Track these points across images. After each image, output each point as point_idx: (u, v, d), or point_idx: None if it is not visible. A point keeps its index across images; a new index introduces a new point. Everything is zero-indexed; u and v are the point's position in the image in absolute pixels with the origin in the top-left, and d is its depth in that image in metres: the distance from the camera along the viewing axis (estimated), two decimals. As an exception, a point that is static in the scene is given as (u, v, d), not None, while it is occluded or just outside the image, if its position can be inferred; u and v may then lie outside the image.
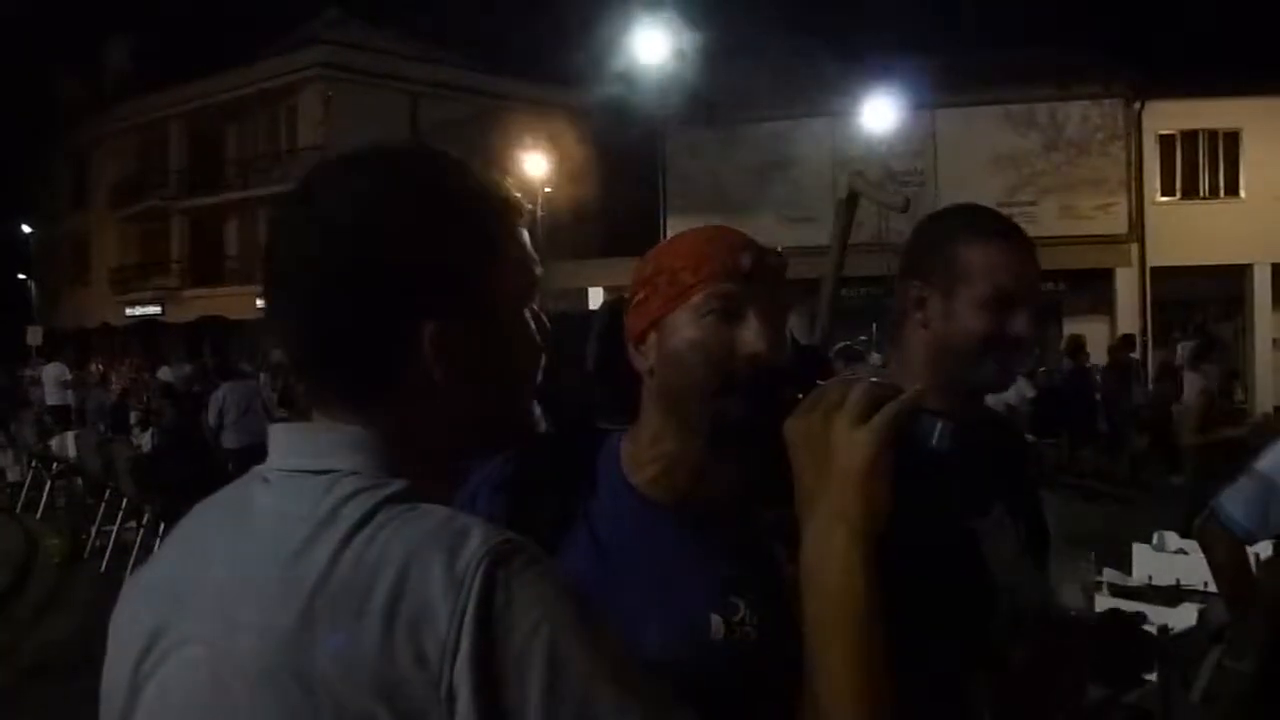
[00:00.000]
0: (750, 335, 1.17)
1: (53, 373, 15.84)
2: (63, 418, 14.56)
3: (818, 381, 1.05)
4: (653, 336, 1.22)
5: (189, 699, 0.89)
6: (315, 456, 0.93)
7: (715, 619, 1.17)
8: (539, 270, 1.01)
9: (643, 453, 1.25)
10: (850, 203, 5.33)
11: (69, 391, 15.68)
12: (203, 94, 30.31)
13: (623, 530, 1.22)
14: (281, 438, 0.97)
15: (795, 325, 1.27)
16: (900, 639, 1.00)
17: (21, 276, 37.50)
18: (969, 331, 1.52)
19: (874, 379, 1.03)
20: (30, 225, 37.17)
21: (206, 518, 0.99)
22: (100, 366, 21.82)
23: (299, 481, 0.92)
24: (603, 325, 1.32)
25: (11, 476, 12.45)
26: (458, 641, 0.80)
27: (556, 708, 0.81)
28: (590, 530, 1.22)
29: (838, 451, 0.99)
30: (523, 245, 0.99)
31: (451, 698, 0.80)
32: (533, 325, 1.00)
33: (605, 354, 1.31)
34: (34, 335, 24.45)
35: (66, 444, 11.35)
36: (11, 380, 16.94)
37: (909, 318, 1.59)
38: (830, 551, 0.98)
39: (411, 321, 0.92)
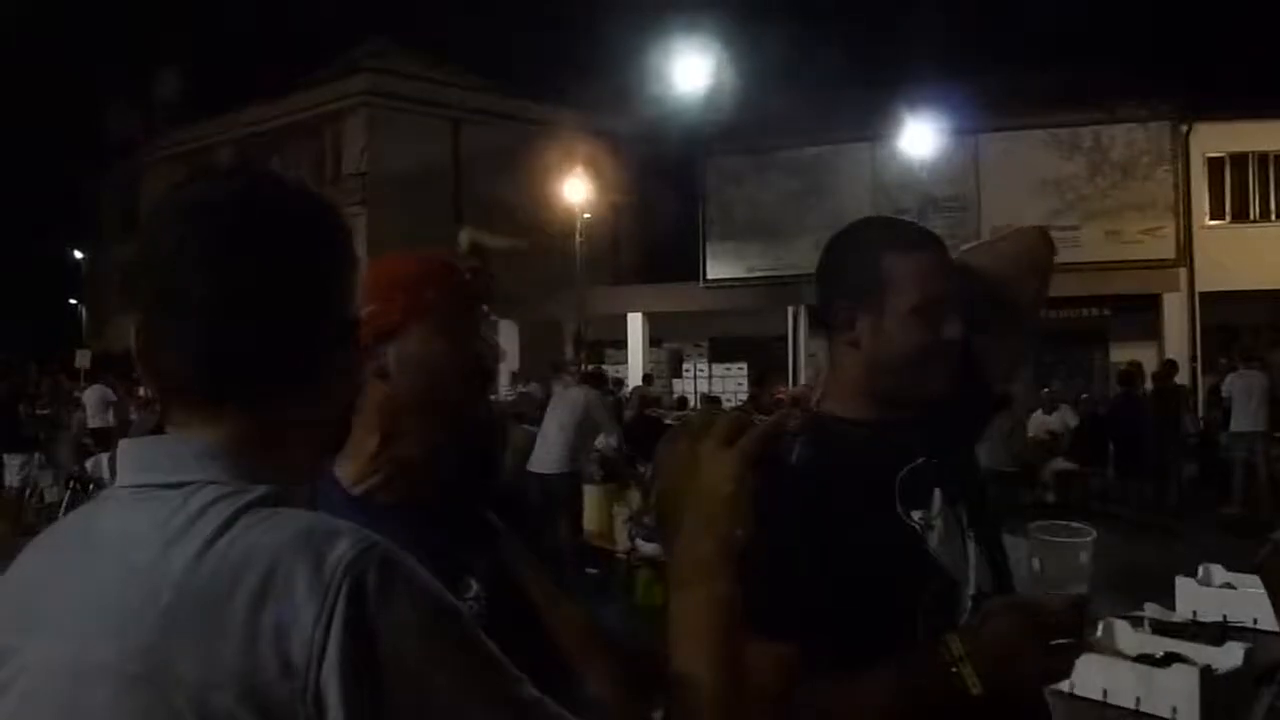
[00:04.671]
0: (481, 345, 1.37)
1: (95, 395, 15.91)
2: (105, 440, 14.64)
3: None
4: (391, 346, 1.31)
5: (44, 711, 0.86)
6: (169, 470, 0.91)
7: None
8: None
9: (366, 464, 1.33)
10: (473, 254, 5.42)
11: (110, 414, 15.78)
12: (249, 122, 30.69)
13: None
14: (132, 453, 0.95)
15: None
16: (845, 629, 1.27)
17: (72, 301, 38.16)
18: (906, 343, 1.52)
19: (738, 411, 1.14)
20: (81, 251, 37.81)
21: (54, 540, 0.96)
22: (148, 391, 21.99)
23: (152, 496, 0.90)
24: None
25: (50, 496, 12.55)
26: (324, 646, 0.79)
27: (429, 713, 0.81)
28: None
29: (705, 471, 1.05)
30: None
31: (319, 702, 0.79)
32: None
33: None
34: (82, 358, 24.69)
35: (101, 465, 11.48)
36: (52, 401, 17.03)
37: (838, 337, 1.58)
38: (697, 565, 1.03)
39: (315, 339, 0.95)
